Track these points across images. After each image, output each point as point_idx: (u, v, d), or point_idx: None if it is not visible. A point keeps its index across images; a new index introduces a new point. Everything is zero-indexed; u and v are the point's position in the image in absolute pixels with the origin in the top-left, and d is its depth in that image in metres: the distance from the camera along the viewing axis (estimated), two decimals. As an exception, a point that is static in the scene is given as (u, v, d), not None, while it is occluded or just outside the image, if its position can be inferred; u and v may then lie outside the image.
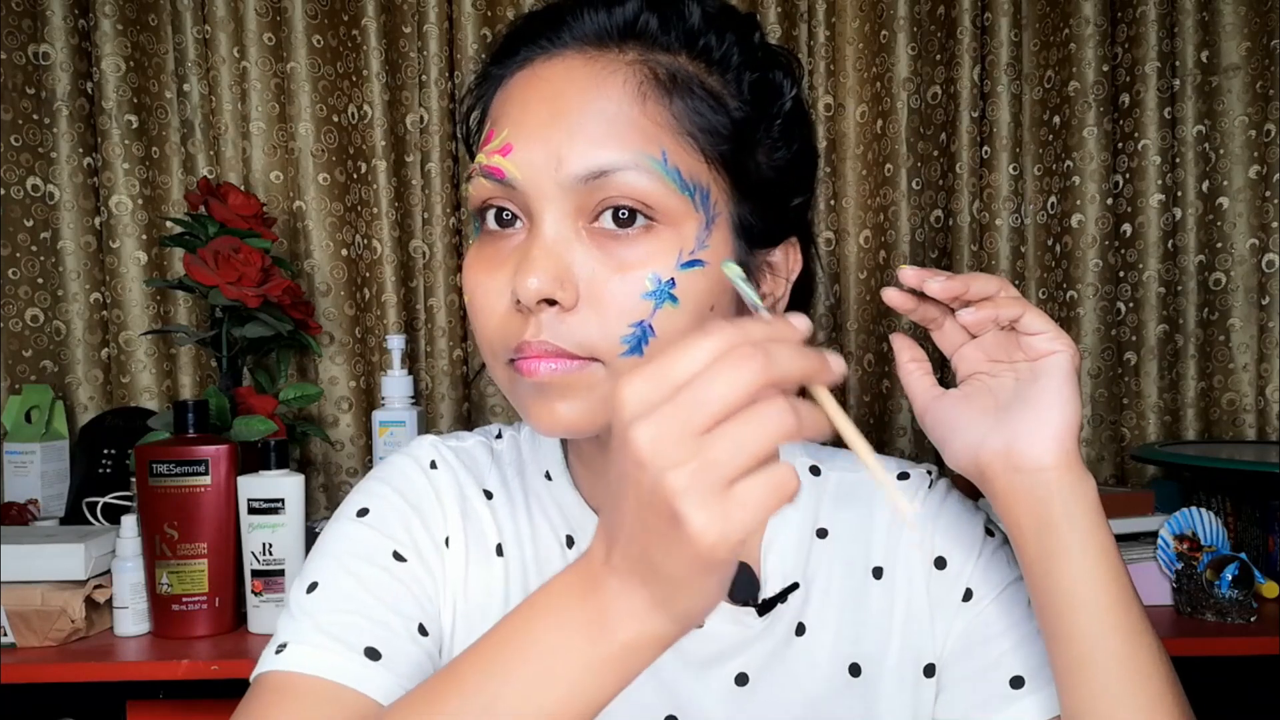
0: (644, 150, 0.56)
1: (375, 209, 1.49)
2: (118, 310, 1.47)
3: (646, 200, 0.55)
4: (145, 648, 1.08)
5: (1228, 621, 1.13)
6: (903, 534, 0.68)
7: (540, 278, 0.54)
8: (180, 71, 1.46)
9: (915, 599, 0.67)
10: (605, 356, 0.56)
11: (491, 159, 0.58)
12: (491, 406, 1.53)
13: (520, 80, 0.60)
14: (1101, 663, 0.55)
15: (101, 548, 1.13)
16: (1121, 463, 1.52)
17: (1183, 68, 1.48)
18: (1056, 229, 1.52)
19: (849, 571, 0.67)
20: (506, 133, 0.58)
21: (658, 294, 0.56)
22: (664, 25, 0.59)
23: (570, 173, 0.55)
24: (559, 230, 0.56)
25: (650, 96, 0.57)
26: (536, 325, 0.55)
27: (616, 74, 0.57)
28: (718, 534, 0.38)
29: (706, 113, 0.58)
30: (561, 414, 0.57)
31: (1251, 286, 1.49)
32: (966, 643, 0.66)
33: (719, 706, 0.64)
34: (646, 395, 0.40)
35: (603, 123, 0.56)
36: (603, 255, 0.56)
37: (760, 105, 0.61)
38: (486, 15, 1.48)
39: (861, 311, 1.52)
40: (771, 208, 0.62)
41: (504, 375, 0.59)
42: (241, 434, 1.24)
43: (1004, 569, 0.67)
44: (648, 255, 0.56)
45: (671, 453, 0.39)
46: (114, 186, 1.46)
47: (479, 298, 0.59)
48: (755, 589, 0.65)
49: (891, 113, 1.50)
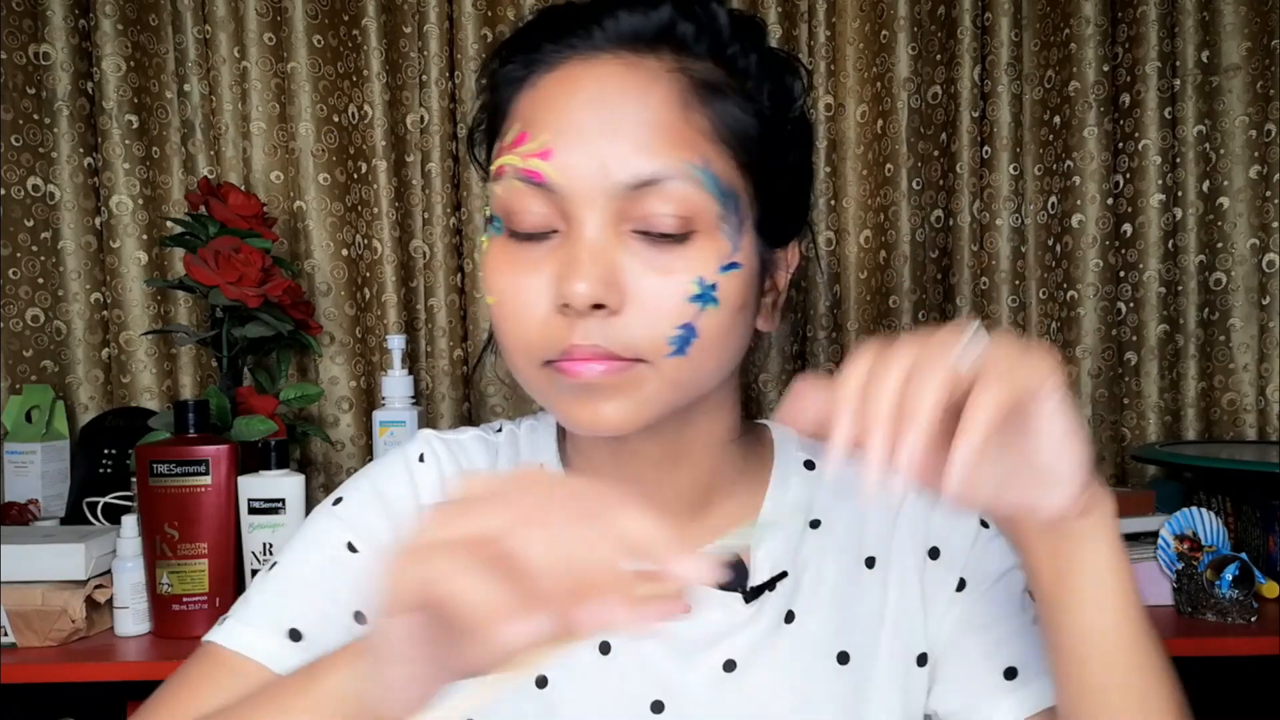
0: (687, 159, 0.57)
1: (375, 209, 1.49)
2: (118, 310, 1.47)
3: (691, 208, 0.57)
4: (145, 648, 1.09)
5: (1228, 621, 1.13)
6: (897, 524, 0.69)
7: (590, 282, 0.56)
8: (181, 71, 1.46)
9: (908, 588, 0.67)
10: (651, 357, 0.58)
11: (528, 162, 0.58)
12: (492, 406, 1.53)
13: (554, 82, 0.59)
14: (1112, 699, 0.54)
15: (102, 548, 1.13)
16: (1122, 463, 1.52)
17: (1183, 68, 1.48)
18: (1057, 229, 1.52)
19: (841, 562, 0.68)
20: (545, 137, 0.58)
21: (702, 297, 0.58)
22: (698, 33, 0.60)
23: (617, 180, 0.57)
24: (602, 234, 0.57)
25: (691, 104, 0.58)
26: (585, 328, 0.57)
27: (659, 81, 0.58)
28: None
29: (738, 120, 0.60)
30: (606, 414, 0.58)
31: (1252, 286, 1.49)
32: (960, 633, 0.66)
33: (706, 692, 0.64)
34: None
35: (648, 130, 0.57)
36: (646, 259, 0.57)
37: (777, 110, 0.63)
38: (487, 15, 1.48)
39: (861, 311, 1.52)
40: (784, 208, 0.64)
41: (539, 376, 0.60)
42: (242, 434, 1.24)
43: (998, 559, 0.68)
44: (690, 260, 0.58)
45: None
46: (114, 186, 1.46)
47: (513, 300, 0.59)
48: (744, 577, 0.66)
49: (892, 113, 1.50)
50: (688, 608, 0.40)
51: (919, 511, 0.69)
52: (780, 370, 1.52)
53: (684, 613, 0.40)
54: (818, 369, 1.53)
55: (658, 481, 0.67)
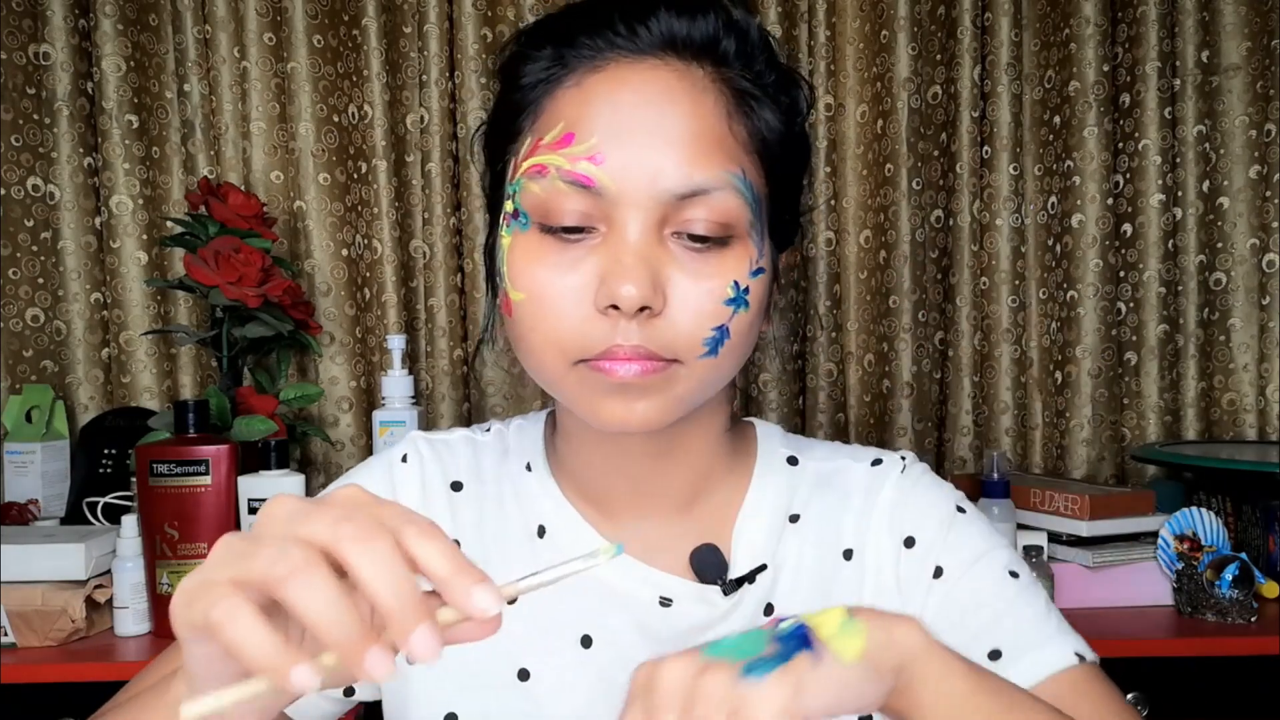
0: (731, 169, 0.59)
1: (375, 209, 1.49)
2: (118, 310, 1.47)
3: (730, 216, 0.59)
4: (146, 648, 1.09)
5: (1228, 621, 1.13)
6: (873, 516, 0.70)
7: (638, 285, 0.57)
8: (181, 71, 1.46)
9: (884, 578, 0.68)
10: (685, 357, 0.59)
11: (578, 165, 0.58)
12: (492, 406, 1.53)
13: (601, 82, 0.59)
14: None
15: (102, 548, 1.13)
16: (1122, 463, 1.52)
17: (1183, 68, 1.48)
18: (1057, 229, 1.52)
19: (820, 555, 0.69)
20: (595, 139, 0.58)
21: (736, 300, 0.60)
22: (739, 45, 0.61)
23: (666, 188, 0.58)
24: (645, 237, 0.58)
25: (733, 114, 0.60)
26: (628, 329, 0.58)
27: (708, 92, 0.60)
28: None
29: (769, 129, 0.62)
30: (638, 412, 0.59)
31: (1252, 286, 1.49)
32: (942, 620, 0.66)
33: None
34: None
35: (698, 141, 0.58)
36: (686, 263, 0.59)
37: (791, 120, 0.65)
38: (486, 15, 1.48)
39: (861, 311, 1.52)
40: (791, 213, 0.67)
41: (570, 374, 0.60)
42: (242, 434, 1.24)
43: (975, 543, 0.68)
44: (726, 264, 0.60)
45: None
46: (114, 186, 1.46)
47: (551, 298, 0.59)
48: (724, 570, 0.67)
49: (892, 113, 1.50)
50: (495, 629, 0.40)
51: (895, 501, 0.70)
52: (780, 370, 1.52)
53: (490, 635, 0.41)
54: (818, 369, 1.53)
55: (650, 477, 0.68)
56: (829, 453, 0.73)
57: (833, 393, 1.53)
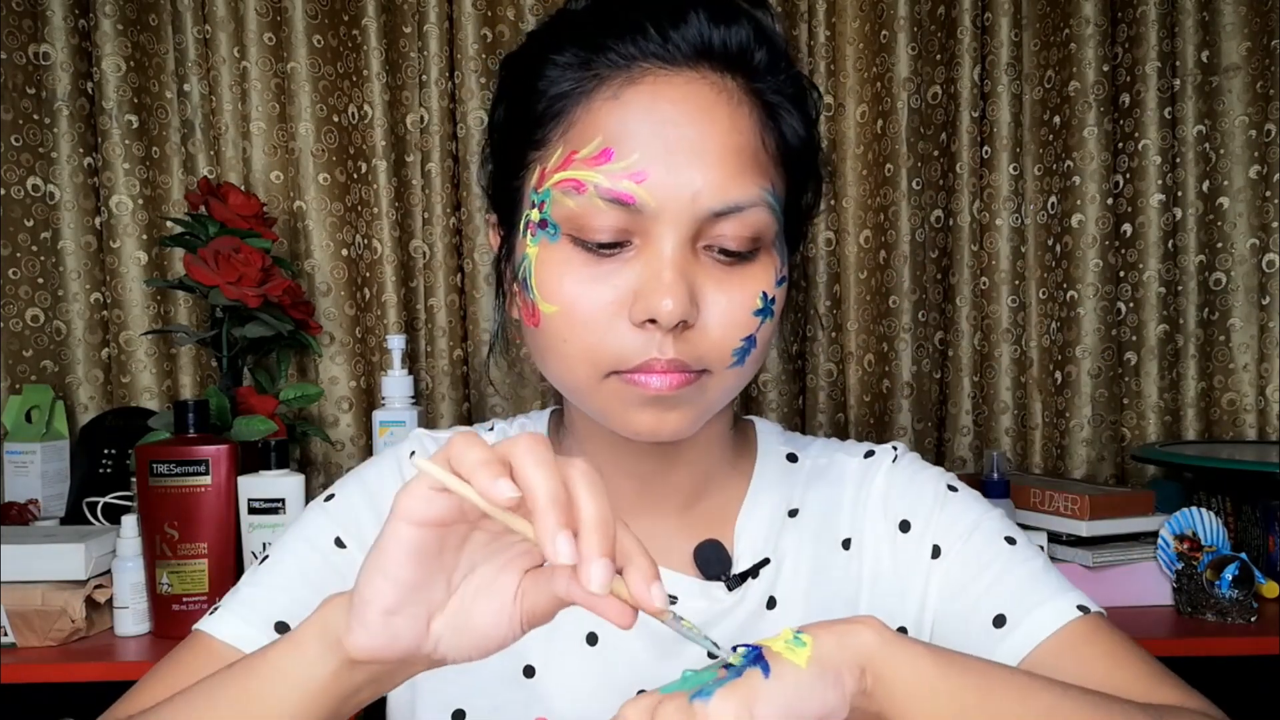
0: (763, 185, 0.60)
1: (375, 209, 1.49)
2: (118, 310, 1.47)
3: (760, 230, 0.60)
4: (145, 648, 1.09)
5: (1228, 621, 1.13)
6: (868, 504, 0.71)
7: (677, 301, 0.57)
8: (180, 71, 1.46)
9: (882, 564, 0.69)
10: (715, 367, 0.60)
11: (619, 184, 0.57)
12: (492, 406, 1.53)
13: (639, 95, 0.58)
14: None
15: (102, 548, 1.13)
16: (1121, 463, 1.52)
17: (1183, 68, 1.48)
18: (1056, 229, 1.52)
19: (819, 546, 0.70)
20: (636, 156, 0.57)
21: (763, 310, 0.61)
22: (771, 59, 0.62)
23: (706, 206, 0.58)
24: (679, 252, 0.58)
25: (766, 126, 0.61)
26: (666, 343, 0.58)
27: (743, 105, 0.60)
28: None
29: (795, 138, 0.63)
30: (669, 422, 0.60)
31: (1252, 286, 1.49)
32: (946, 598, 0.67)
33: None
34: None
35: (737, 158, 0.59)
36: (717, 276, 0.60)
37: (810, 128, 0.66)
38: (486, 15, 1.48)
39: (861, 311, 1.52)
40: (802, 219, 0.68)
41: (602, 386, 0.60)
42: (242, 434, 1.24)
43: (969, 515, 0.69)
44: (755, 276, 0.61)
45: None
46: (114, 186, 1.46)
47: (585, 310, 0.59)
48: (727, 566, 0.68)
49: (892, 113, 1.50)
50: (629, 625, 0.45)
51: (888, 488, 0.71)
52: (780, 370, 1.52)
53: (626, 626, 0.45)
54: (818, 369, 1.53)
55: (656, 477, 0.68)
56: (825, 448, 0.75)
57: (833, 393, 1.53)
